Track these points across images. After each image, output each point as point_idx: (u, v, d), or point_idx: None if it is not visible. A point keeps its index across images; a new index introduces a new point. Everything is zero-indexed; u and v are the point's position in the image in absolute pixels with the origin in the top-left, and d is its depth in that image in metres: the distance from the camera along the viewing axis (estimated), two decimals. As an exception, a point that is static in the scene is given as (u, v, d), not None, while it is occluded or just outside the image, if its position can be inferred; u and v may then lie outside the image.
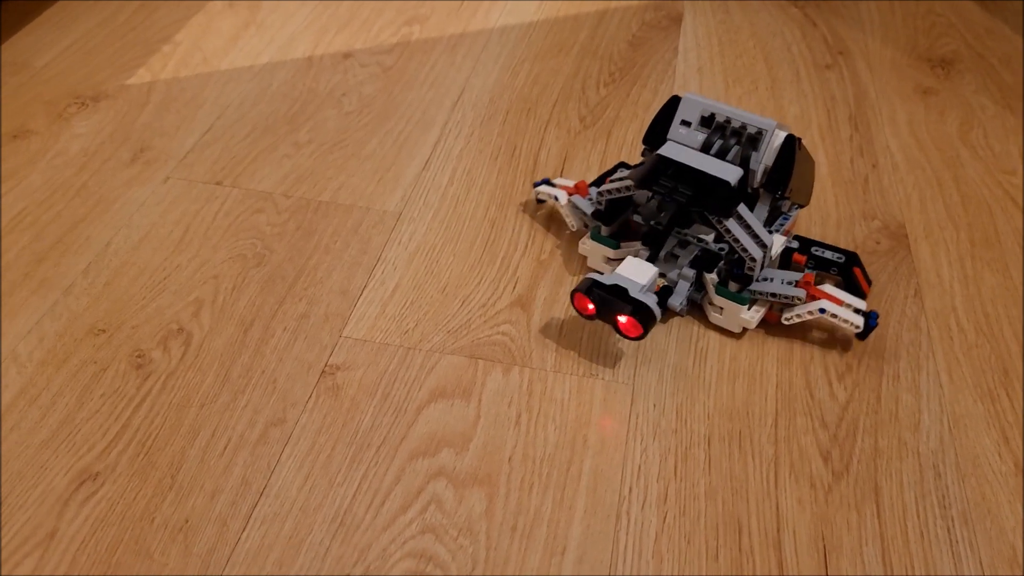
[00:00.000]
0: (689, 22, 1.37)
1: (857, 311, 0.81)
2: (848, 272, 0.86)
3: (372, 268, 0.91)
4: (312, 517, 0.68)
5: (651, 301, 0.77)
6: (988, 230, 0.98)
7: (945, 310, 0.89)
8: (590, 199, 0.91)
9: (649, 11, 1.40)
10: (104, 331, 0.82)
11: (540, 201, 0.98)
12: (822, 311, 0.80)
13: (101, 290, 0.86)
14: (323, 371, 0.80)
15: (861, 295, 0.86)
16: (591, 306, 0.79)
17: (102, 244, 0.92)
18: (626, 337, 0.78)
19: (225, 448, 0.73)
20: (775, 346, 0.84)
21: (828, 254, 0.87)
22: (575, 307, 0.81)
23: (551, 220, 0.98)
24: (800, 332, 0.85)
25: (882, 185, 1.04)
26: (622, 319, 0.77)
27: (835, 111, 1.17)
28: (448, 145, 1.09)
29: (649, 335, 0.85)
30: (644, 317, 0.76)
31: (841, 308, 0.80)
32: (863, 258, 0.94)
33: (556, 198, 0.93)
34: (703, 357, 0.83)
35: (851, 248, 0.95)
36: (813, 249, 0.87)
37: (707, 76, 1.24)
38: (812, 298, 0.81)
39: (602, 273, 0.83)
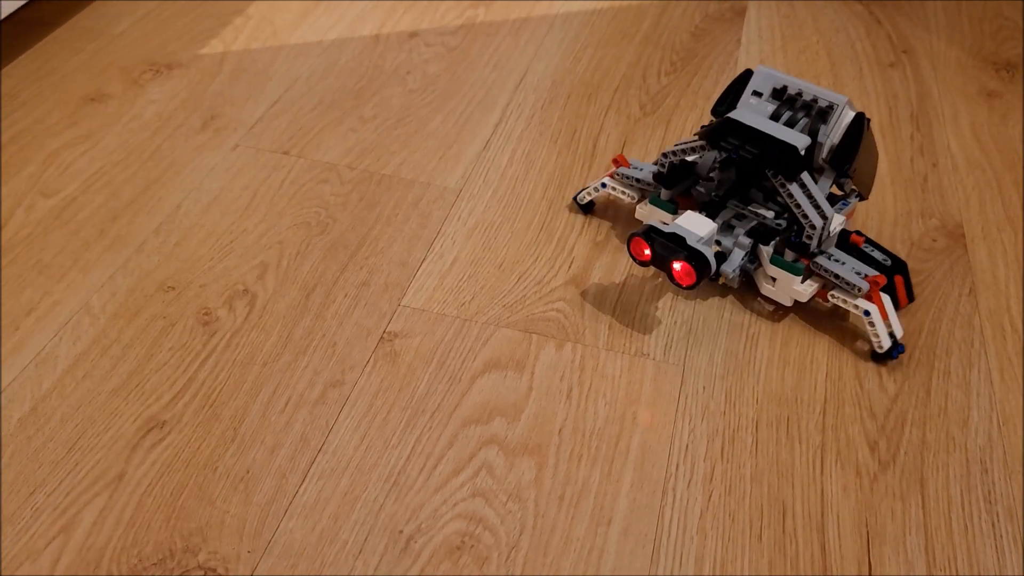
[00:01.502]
0: (752, 15, 1.37)
1: (891, 334, 0.82)
2: (888, 278, 0.86)
3: (431, 241, 0.93)
4: (367, 475, 0.71)
5: (708, 251, 0.78)
6: (1047, 233, 0.98)
7: (999, 310, 0.89)
8: (635, 167, 0.93)
9: (713, 3, 1.40)
10: (173, 288, 0.85)
11: (588, 205, 0.98)
12: (866, 313, 0.80)
13: (171, 249, 0.89)
14: (381, 337, 0.82)
15: (896, 304, 0.86)
16: (647, 252, 0.80)
17: (173, 206, 0.95)
18: (678, 285, 0.79)
19: (286, 405, 0.75)
20: (826, 336, 0.85)
21: (876, 254, 0.86)
22: (631, 252, 0.82)
23: (608, 204, 0.99)
24: (852, 324, 0.86)
25: (941, 184, 1.04)
26: (676, 266, 0.78)
27: (897, 109, 1.17)
28: (509, 126, 1.11)
29: (700, 320, 0.86)
30: (699, 265, 0.77)
31: (882, 323, 0.81)
32: (919, 255, 0.94)
33: (602, 185, 0.94)
34: (754, 343, 0.84)
35: (908, 244, 0.95)
36: (865, 245, 0.87)
37: (769, 69, 1.24)
38: (868, 297, 0.82)
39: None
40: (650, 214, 0.91)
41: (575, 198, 0.97)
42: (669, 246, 0.78)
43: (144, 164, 1.00)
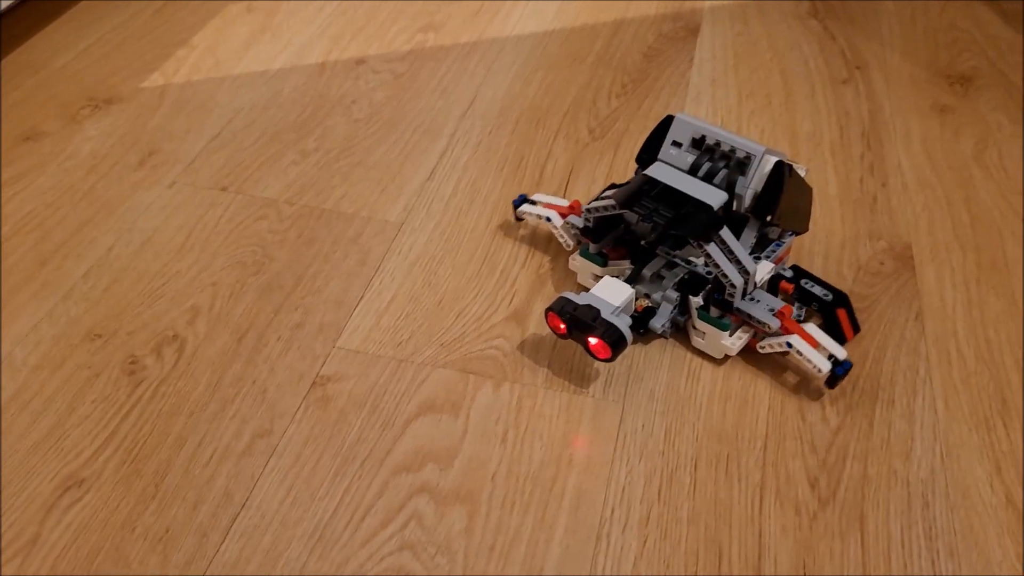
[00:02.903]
0: (706, 34, 1.36)
1: (831, 357, 0.80)
2: (830, 312, 0.84)
3: (370, 279, 0.91)
4: (291, 531, 0.69)
5: (623, 323, 0.76)
6: (996, 253, 0.96)
7: (946, 335, 0.87)
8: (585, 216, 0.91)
9: (667, 22, 1.39)
10: (100, 336, 0.83)
11: (519, 219, 0.97)
12: (789, 345, 0.79)
13: (100, 295, 0.87)
14: (314, 382, 0.80)
15: (841, 339, 0.84)
16: (563, 326, 0.79)
17: (104, 248, 0.93)
18: (596, 358, 0.78)
19: (210, 458, 0.74)
20: (770, 367, 0.83)
21: (816, 289, 0.84)
22: (549, 325, 0.81)
23: (552, 234, 0.97)
24: (795, 357, 0.84)
25: (891, 205, 1.03)
26: (592, 340, 0.77)
27: (848, 128, 1.16)
28: (455, 155, 1.09)
29: (642, 355, 0.84)
30: (613, 340, 0.76)
31: (810, 349, 0.79)
32: (866, 279, 0.93)
33: (549, 219, 0.92)
34: (696, 376, 0.83)
35: (855, 268, 0.94)
36: (803, 281, 0.85)
37: (720, 89, 1.23)
38: (786, 330, 0.80)
39: (588, 290, 0.83)
40: (581, 267, 0.89)
41: (515, 206, 0.95)
42: (582, 321, 0.77)
43: (77, 205, 0.98)
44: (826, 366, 0.78)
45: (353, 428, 0.77)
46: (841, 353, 0.79)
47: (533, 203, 0.95)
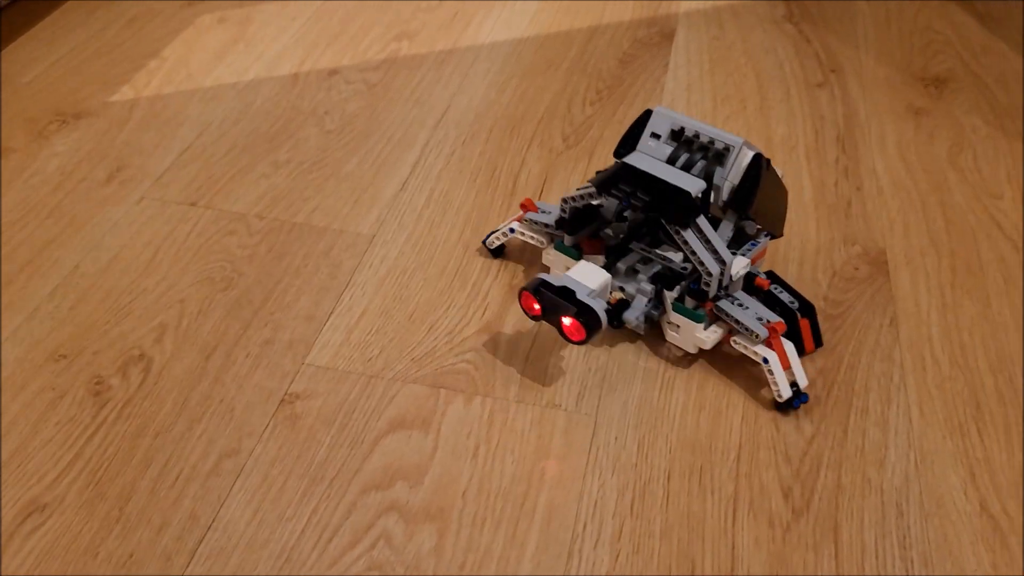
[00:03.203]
0: (682, 39, 1.36)
1: (794, 384, 0.79)
2: (793, 322, 0.83)
3: (341, 293, 0.90)
4: (258, 553, 0.68)
5: (598, 305, 0.75)
6: (971, 257, 0.96)
7: (920, 340, 0.87)
8: (544, 211, 0.90)
9: (642, 28, 1.38)
10: (65, 356, 0.82)
11: (498, 249, 0.95)
12: (765, 360, 0.78)
13: (66, 314, 0.86)
14: (282, 400, 0.79)
15: (801, 350, 0.83)
16: (537, 306, 0.78)
17: (70, 266, 0.92)
18: (570, 341, 0.77)
19: (176, 480, 0.72)
20: (743, 378, 0.83)
21: (784, 296, 0.84)
22: (522, 306, 0.80)
23: (524, 246, 0.97)
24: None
25: (865, 209, 1.03)
26: (566, 321, 0.76)
27: (823, 132, 1.15)
28: (428, 165, 1.08)
29: (615, 366, 0.83)
30: (588, 320, 0.75)
31: (781, 371, 0.78)
32: (840, 284, 0.92)
33: (510, 230, 0.91)
34: (669, 388, 0.82)
35: (830, 274, 0.93)
36: (773, 286, 0.84)
37: (695, 94, 1.23)
38: (768, 344, 0.79)
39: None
40: (556, 260, 0.89)
41: (484, 242, 0.95)
42: (557, 301, 0.76)
43: (43, 222, 0.97)
44: (787, 393, 0.78)
45: (322, 446, 0.76)
46: (803, 382, 0.79)
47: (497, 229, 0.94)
